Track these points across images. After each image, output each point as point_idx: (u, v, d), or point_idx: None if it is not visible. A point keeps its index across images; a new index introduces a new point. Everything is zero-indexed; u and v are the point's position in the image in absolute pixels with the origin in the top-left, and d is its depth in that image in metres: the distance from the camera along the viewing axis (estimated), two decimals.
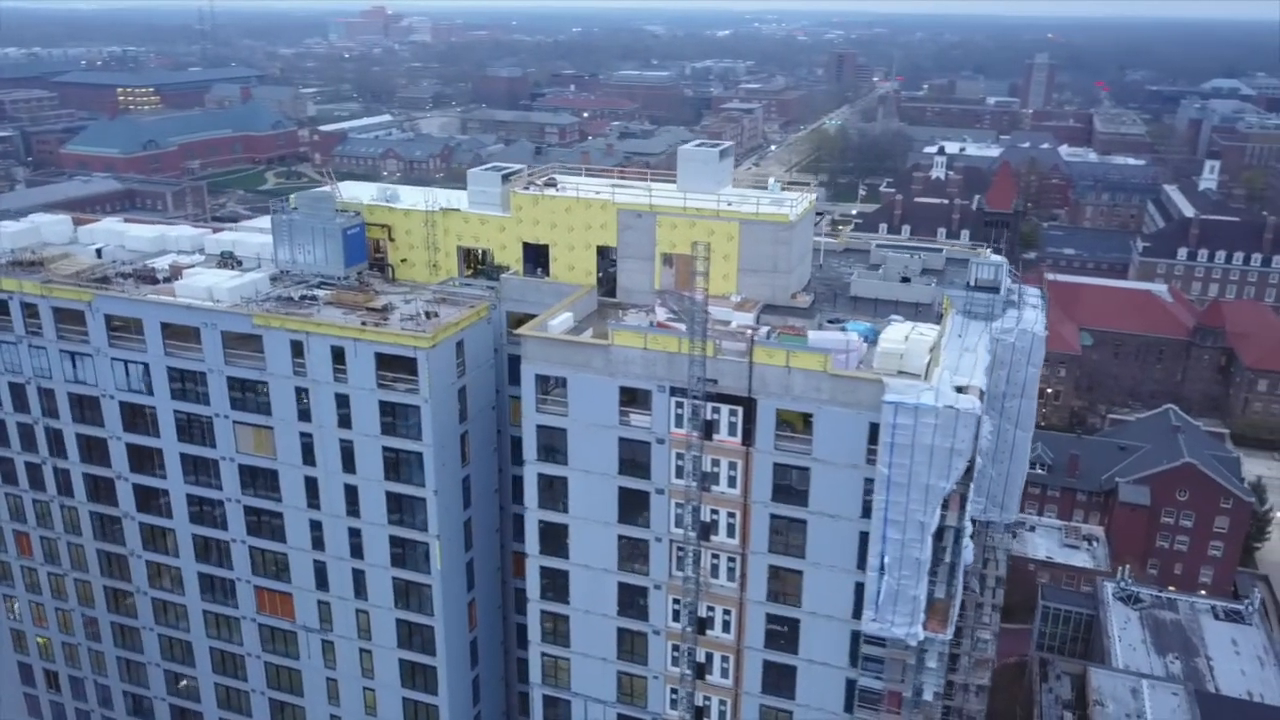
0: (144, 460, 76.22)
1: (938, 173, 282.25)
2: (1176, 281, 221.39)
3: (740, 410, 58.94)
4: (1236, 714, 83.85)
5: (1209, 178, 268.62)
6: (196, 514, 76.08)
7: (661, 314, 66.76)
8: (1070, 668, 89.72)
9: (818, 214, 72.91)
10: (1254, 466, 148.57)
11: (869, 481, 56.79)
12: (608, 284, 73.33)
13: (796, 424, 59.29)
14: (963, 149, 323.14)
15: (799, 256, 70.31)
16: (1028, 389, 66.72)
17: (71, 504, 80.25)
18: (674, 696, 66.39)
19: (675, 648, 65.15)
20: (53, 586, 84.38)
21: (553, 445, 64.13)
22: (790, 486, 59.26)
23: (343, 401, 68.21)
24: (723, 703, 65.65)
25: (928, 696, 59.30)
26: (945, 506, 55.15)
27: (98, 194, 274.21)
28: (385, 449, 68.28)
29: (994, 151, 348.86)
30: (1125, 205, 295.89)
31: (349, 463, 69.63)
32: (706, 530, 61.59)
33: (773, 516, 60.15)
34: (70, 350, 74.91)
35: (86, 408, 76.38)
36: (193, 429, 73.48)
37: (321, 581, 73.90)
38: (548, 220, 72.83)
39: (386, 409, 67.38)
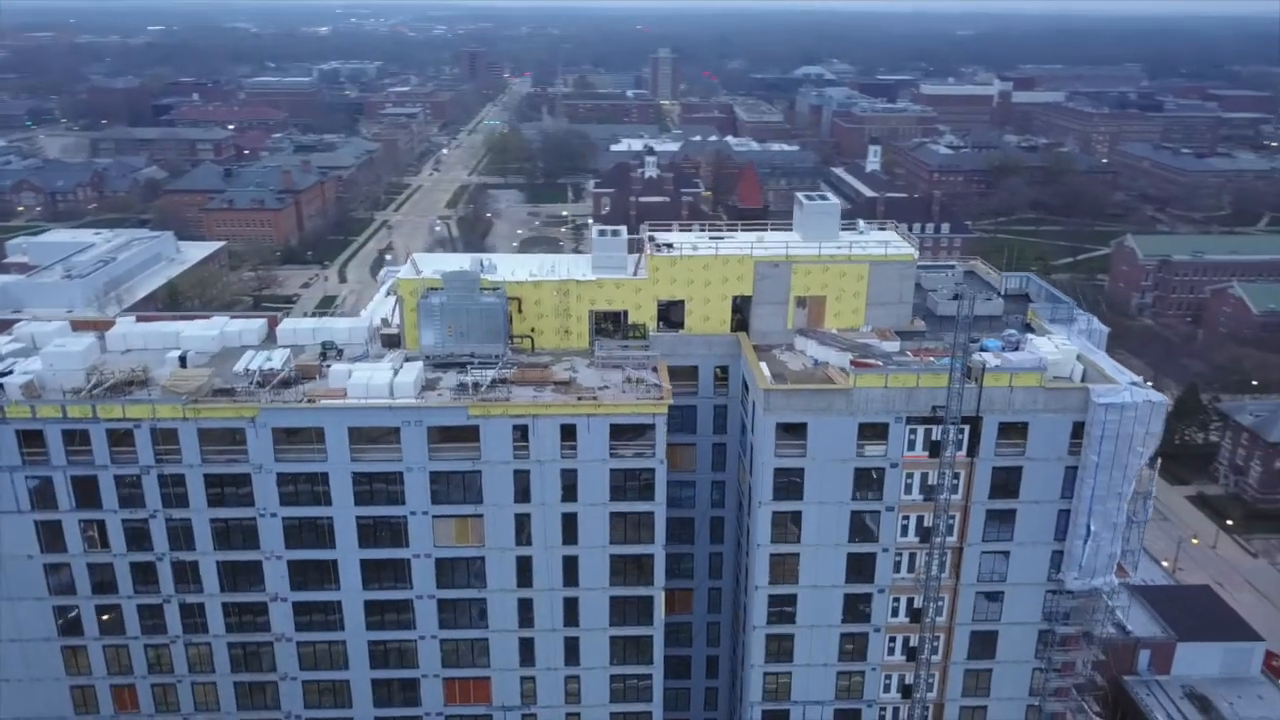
0: (308, 574, 71.20)
1: (650, 171, 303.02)
2: None
3: (967, 427, 69.83)
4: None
5: (873, 161, 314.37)
6: (376, 620, 72.59)
7: (822, 352, 75.63)
8: None
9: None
10: None
11: (1069, 469, 70.45)
12: (736, 328, 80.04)
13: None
14: (647, 145, 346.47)
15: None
16: None
17: (202, 640, 72.35)
18: (887, 682, 76.31)
19: (891, 639, 75.11)
20: None
21: (788, 484, 70.83)
22: (1004, 485, 71.30)
23: (568, 476, 69.57)
24: (930, 675, 76.57)
25: (1110, 629, 74.71)
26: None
27: None
28: (613, 514, 70.70)
29: (672, 146, 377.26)
30: (800, 188, 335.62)
31: (570, 534, 71.00)
32: (929, 534, 71.92)
33: (988, 512, 71.89)
34: (218, 473, 68.03)
35: (234, 532, 69.69)
36: (379, 532, 70.24)
37: (527, 658, 74.15)
38: (684, 278, 78.04)
39: (616, 476, 69.87)
